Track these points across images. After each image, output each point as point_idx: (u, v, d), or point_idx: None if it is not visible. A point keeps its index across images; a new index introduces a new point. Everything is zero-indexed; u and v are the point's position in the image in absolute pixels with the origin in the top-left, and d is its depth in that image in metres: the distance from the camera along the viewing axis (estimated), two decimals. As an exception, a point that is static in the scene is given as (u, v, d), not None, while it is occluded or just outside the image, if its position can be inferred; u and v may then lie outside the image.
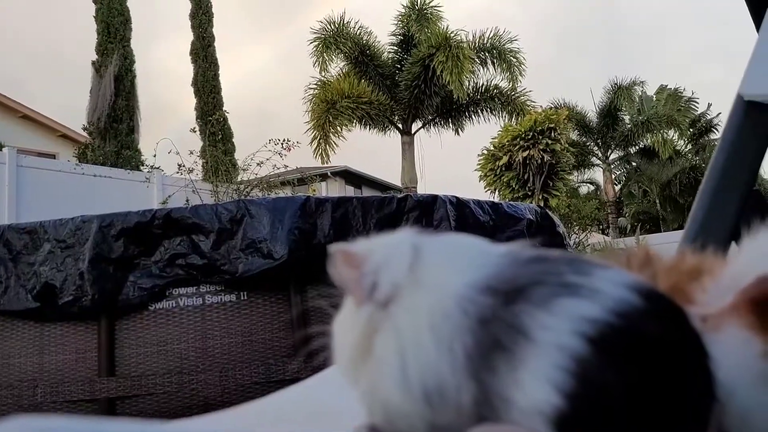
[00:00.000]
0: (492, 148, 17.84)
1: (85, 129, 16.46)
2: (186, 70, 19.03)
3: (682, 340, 0.46)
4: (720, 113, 24.50)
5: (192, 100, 18.84)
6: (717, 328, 0.51)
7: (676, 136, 23.57)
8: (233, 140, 17.74)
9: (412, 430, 0.50)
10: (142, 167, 14.84)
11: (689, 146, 26.31)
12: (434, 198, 3.83)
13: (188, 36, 19.06)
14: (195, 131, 9.91)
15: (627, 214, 28.02)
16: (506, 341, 0.46)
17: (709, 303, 0.54)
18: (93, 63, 16.56)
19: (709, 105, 26.15)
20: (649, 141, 22.72)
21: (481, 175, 17.98)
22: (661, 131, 21.84)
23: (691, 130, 25.04)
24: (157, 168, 10.81)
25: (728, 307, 0.51)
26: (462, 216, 3.71)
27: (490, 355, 0.46)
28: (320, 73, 17.14)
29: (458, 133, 18.48)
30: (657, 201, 26.25)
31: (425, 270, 0.52)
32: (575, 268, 0.48)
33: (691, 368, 0.46)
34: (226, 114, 15.99)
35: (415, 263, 0.52)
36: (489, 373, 0.46)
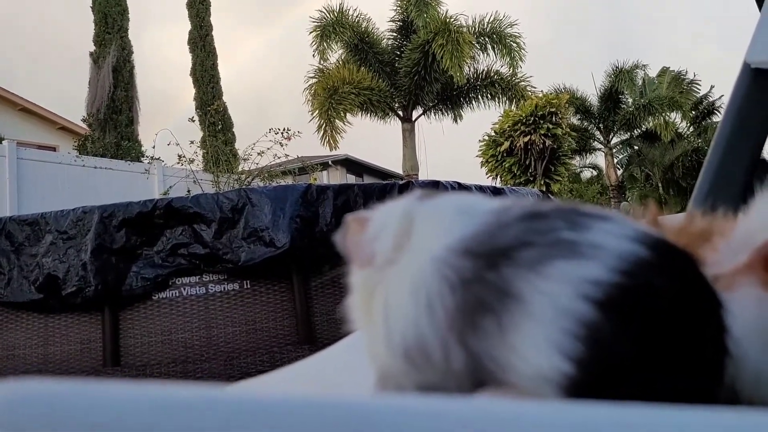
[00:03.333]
0: (493, 133, 17.80)
1: (84, 121, 16.46)
2: (184, 59, 18.91)
3: (695, 291, 0.45)
4: (722, 95, 24.35)
5: (191, 90, 18.81)
6: (730, 288, 0.49)
7: (678, 119, 23.46)
8: (233, 130, 17.72)
9: (402, 390, 0.51)
10: (142, 158, 14.82)
11: (691, 129, 26.18)
12: (436, 184, 3.82)
13: (186, 24, 18.99)
14: (194, 121, 9.87)
15: (630, 198, 27.96)
16: (492, 303, 0.44)
17: (721, 262, 0.52)
18: (91, 54, 16.50)
19: (712, 87, 25.98)
20: (651, 124, 22.61)
21: (482, 161, 17.95)
22: (663, 114, 21.72)
23: (693, 112, 24.90)
24: (158, 159, 10.78)
25: (742, 266, 0.50)
26: (464, 200, 3.71)
27: (474, 316, 0.45)
28: (320, 62, 17.07)
29: (457, 121, 18.40)
30: (659, 185, 26.16)
31: (415, 234, 0.53)
32: (571, 223, 0.46)
33: (706, 320, 0.44)
34: (225, 104, 15.93)
35: (409, 227, 0.53)
36: (476, 335, 0.45)
